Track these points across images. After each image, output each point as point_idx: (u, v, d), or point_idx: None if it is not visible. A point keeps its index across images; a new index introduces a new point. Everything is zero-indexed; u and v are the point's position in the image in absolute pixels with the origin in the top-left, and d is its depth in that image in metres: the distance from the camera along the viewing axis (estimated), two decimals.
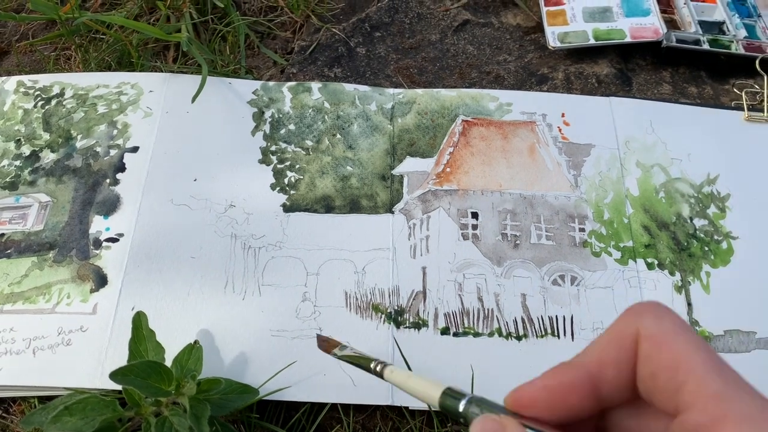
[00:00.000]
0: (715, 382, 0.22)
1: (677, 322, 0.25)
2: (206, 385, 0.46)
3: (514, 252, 0.58)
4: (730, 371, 0.23)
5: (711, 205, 0.62)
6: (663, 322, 0.24)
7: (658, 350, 0.24)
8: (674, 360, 0.23)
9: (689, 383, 0.23)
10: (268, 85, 0.68)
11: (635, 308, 0.26)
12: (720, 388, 0.22)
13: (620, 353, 0.25)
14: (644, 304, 0.26)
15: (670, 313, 0.25)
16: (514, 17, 0.79)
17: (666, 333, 0.24)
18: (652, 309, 0.25)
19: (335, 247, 0.58)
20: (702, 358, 0.23)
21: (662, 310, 0.25)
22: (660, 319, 0.25)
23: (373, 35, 0.76)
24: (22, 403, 0.52)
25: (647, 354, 0.24)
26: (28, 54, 0.76)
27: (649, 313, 0.25)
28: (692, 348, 0.23)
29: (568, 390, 0.25)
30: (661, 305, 0.25)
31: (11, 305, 0.54)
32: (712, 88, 0.72)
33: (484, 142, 0.64)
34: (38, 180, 0.61)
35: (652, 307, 0.25)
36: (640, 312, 0.25)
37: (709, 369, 0.23)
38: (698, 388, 0.22)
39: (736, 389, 0.22)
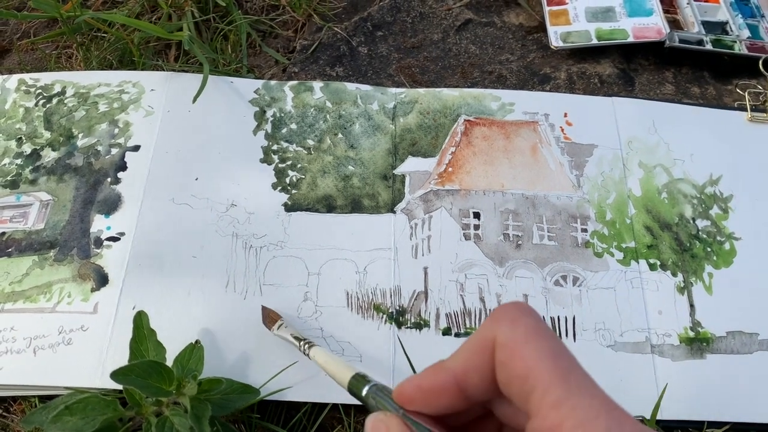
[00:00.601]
0: (557, 389, 0.23)
1: (531, 327, 0.25)
2: (207, 385, 0.46)
3: (516, 252, 0.58)
4: (575, 377, 0.24)
5: (714, 206, 0.61)
6: (517, 328, 0.25)
7: (510, 358, 0.25)
8: (524, 368, 0.24)
9: (535, 391, 0.24)
10: (269, 84, 0.68)
11: (495, 313, 0.26)
12: (560, 396, 0.23)
13: (481, 360, 0.26)
14: (504, 308, 0.26)
15: (526, 316, 0.26)
16: (516, 17, 0.79)
17: (517, 341, 0.25)
18: (509, 314, 0.26)
19: (337, 247, 0.58)
20: (549, 366, 0.24)
21: (519, 315, 0.26)
22: (514, 325, 0.25)
23: (375, 34, 0.76)
24: (22, 402, 0.52)
25: (501, 362, 0.25)
26: (30, 52, 0.76)
27: (505, 319, 0.26)
28: (541, 356, 0.24)
29: (438, 392, 0.27)
30: (521, 308, 0.26)
31: (12, 304, 0.54)
32: (715, 88, 0.72)
33: (486, 142, 0.64)
34: (39, 178, 0.61)
35: (510, 311, 0.26)
36: (498, 318, 0.26)
37: (553, 377, 0.23)
38: (541, 396, 0.23)
39: (577, 396, 0.23)
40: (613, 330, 0.55)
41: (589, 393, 0.23)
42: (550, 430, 0.23)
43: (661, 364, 0.53)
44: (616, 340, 0.54)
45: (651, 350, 0.54)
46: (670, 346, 0.54)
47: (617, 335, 0.54)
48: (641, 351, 0.54)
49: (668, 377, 0.52)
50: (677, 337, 0.54)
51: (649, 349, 0.54)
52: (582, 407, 0.22)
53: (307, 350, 0.46)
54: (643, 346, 0.54)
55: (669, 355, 0.54)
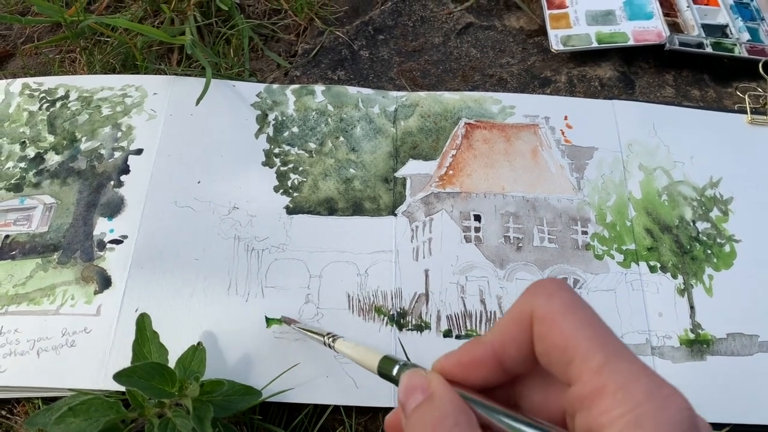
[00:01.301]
0: (597, 356, 0.24)
1: (567, 300, 0.26)
2: (209, 386, 0.46)
3: (516, 255, 0.58)
4: (613, 344, 0.24)
5: (714, 208, 0.62)
6: (554, 301, 0.26)
7: (549, 330, 0.26)
8: (563, 339, 0.25)
9: (575, 359, 0.24)
10: (271, 88, 0.68)
11: (531, 288, 0.27)
12: (600, 362, 0.24)
13: (519, 333, 0.27)
14: (539, 284, 0.27)
15: (562, 291, 0.26)
16: (517, 20, 0.79)
17: (555, 313, 0.26)
18: (545, 289, 0.26)
19: (338, 250, 0.58)
20: (587, 334, 0.25)
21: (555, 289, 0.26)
22: (551, 299, 0.26)
23: (376, 38, 0.76)
24: (26, 404, 0.52)
25: (540, 333, 0.26)
26: (33, 56, 0.77)
27: (542, 292, 0.26)
28: (579, 326, 0.25)
29: (478, 365, 0.28)
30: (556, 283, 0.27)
31: (16, 306, 0.55)
32: (715, 91, 0.72)
33: (486, 145, 0.64)
34: (43, 182, 0.62)
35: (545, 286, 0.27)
36: (534, 292, 0.27)
37: (592, 345, 0.24)
38: (582, 363, 0.24)
39: (616, 361, 0.24)
40: (614, 332, 0.55)
41: (627, 358, 0.24)
42: (592, 393, 0.23)
43: (662, 366, 0.53)
44: None
45: (651, 352, 0.54)
46: (671, 348, 0.54)
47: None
48: (642, 353, 0.54)
49: (668, 379, 0.52)
50: (677, 339, 0.55)
51: (649, 350, 0.54)
52: (622, 371, 0.23)
53: (331, 343, 0.45)
54: (643, 348, 0.54)
55: (669, 357, 0.54)
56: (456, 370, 0.28)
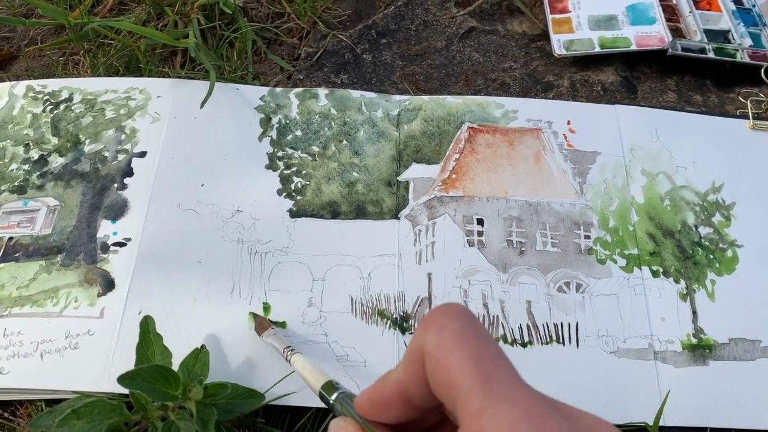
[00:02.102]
0: (477, 397, 0.23)
1: (457, 333, 0.25)
2: (213, 389, 0.47)
3: (519, 259, 0.59)
4: (497, 382, 0.23)
5: (716, 213, 0.62)
6: (443, 335, 0.25)
7: (435, 368, 0.25)
8: (447, 377, 0.24)
9: (458, 400, 0.23)
10: (275, 92, 0.68)
11: (424, 320, 0.26)
12: (480, 404, 0.22)
13: (417, 370, 0.26)
14: (432, 315, 0.26)
15: (454, 321, 0.25)
16: (519, 25, 0.80)
17: (442, 349, 0.24)
18: (436, 321, 0.25)
19: (341, 253, 0.58)
20: (470, 372, 0.23)
21: (446, 321, 0.25)
22: (440, 333, 0.25)
23: (379, 42, 0.77)
24: (29, 406, 0.52)
25: (429, 371, 0.25)
26: (37, 59, 0.77)
27: (431, 326, 0.25)
28: (464, 362, 0.24)
29: (386, 403, 0.27)
30: (450, 312, 0.26)
31: (19, 308, 0.55)
32: (717, 96, 0.72)
33: (489, 149, 0.65)
34: (46, 184, 0.62)
35: (436, 318, 0.26)
36: (425, 326, 0.26)
37: (474, 384, 0.23)
38: (464, 405, 0.23)
39: (498, 403, 0.22)
40: (616, 336, 0.55)
41: (510, 399, 0.22)
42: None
43: (664, 371, 0.53)
44: (619, 347, 0.54)
45: (654, 357, 0.54)
46: (673, 353, 0.54)
47: (620, 342, 0.55)
48: (644, 357, 0.54)
49: (671, 384, 0.53)
50: (680, 344, 0.55)
51: (651, 355, 0.54)
52: (502, 415, 0.22)
53: (289, 357, 0.47)
54: (645, 352, 0.54)
55: (672, 362, 0.54)
56: (369, 408, 0.28)
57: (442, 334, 0.25)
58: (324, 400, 0.37)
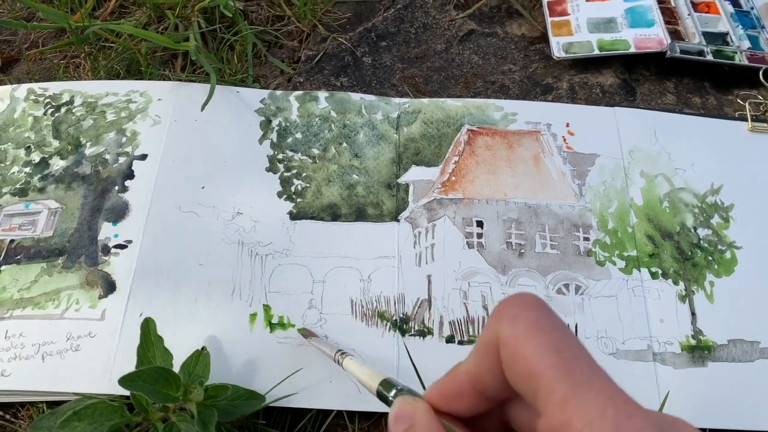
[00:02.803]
0: (562, 386, 0.22)
1: (532, 322, 0.24)
2: (213, 391, 0.47)
3: (518, 261, 0.59)
4: (581, 371, 0.23)
5: (715, 215, 0.62)
6: (517, 324, 0.24)
7: (513, 358, 0.24)
8: (526, 366, 0.23)
9: (540, 389, 0.23)
10: (275, 94, 0.69)
11: (497, 310, 0.26)
12: (565, 393, 0.22)
13: (489, 361, 0.25)
14: (505, 304, 0.25)
15: (528, 311, 0.25)
16: (519, 27, 0.80)
17: (518, 338, 0.24)
18: (509, 310, 0.25)
19: (341, 255, 0.59)
20: (551, 362, 0.23)
21: (519, 310, 0.25)
22: (515, 322, 0.24)
23: (379, 45, 0.77)
24: (30, 408, 0.53)
25: (506, 362, 0.25)
26: (38, 62, 0.77)
27: (505, 316, 0.25)
28: (543, 351, 0.23)
29: (458, 396, 0.27)
30: (522, 303, 0.25)
31: (20, 311, 0.55)
32: (716, 98, 0.72)
33: (489, 152, 0.65)
34: (48, 187, 0.62)
35: (510, 308, 0.25)
36: (498, 316, 0.25)
37: (557, 374, 0.23)
38: (547, 395, 0.23)
39: (582, 392, 0.22)
40: (615, 338, 0.55)
41: (595, 387, 0.22)
42: (558, 429, 0.22)
43: (663, 372, 0.54)
44: (618, 348, 0.55)
45: (653, 358, 0.54)
46: (672, 354, 0.54)
47: (619, 343, 0.55)
48: (643, 359, 0.54)
49: (670, 385, 0.53)
50: (679, 345, 0.55)
51: (651, 357, 0.54)
52: (588, 404, 0.22)
53: (340, 360, 0.46)
54: (645, 354, 0.54)
55: (671, 363, 0.54)
56: (440, 401, 0.28)
57: (517, 323, 0.24)
58: (383, 398, 0.36)
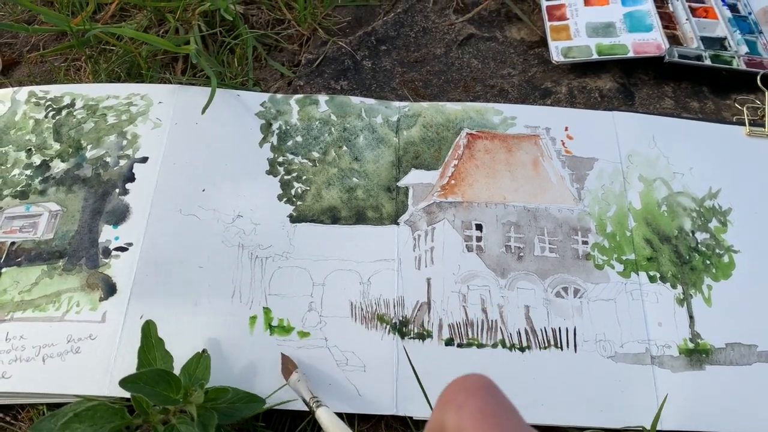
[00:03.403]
0: None
1: (477, 412, 0.24)
2: (214, 393, 0.47)
3: (517, 264, 0.59)
4: None
5: (713, 219, 0.62)
6: (462, 415, 0.24)
7: None
8: None
9: None
10: (275, 98, 0.69)
11: (443, 397, 0.25)
12: None
13: None
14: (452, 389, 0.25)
15: (474, 397, 0.24)
16: (518, 32, 0.80)
17: (463, 430, 0.23)
18: (457, 398, 0.24)
19: (341, 258, 0.59)
20: None
21: (465, 397, 0.24)
22: (460, 412, 0.24)
23: (378, 49, 0.77)
24: (30, 410, 0.53)
25: None
26: (39, 64, 0.77)
27: (452, 403, 0.24)
28: None
29: None
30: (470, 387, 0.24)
31: (21, 313, 0.55)
32: (714, 103, 0.73)
33: (488, 155, 0.65)
34: (48, 189, 0.62)
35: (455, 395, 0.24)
36: (446, 402, 0.25)
37: None
38: None
39: None
40: (614, 341, 0.55)
41: None
42: None
43: (661, 375, 0.54)
44: (616, 351, 0.55)
45: (651, 361, 0.54)
46: (670, 358, 0.55)
47: (617, 346, 0.55)
48: (641, 362, 0.54)
49: (668, 388, 0.53)
50: (677, 349, 0.55)
51: (649, 360, 0.54)
52: None
53: (315, 408, 0.48)
54: (643, 357, 0.55)
55: (669, 366, 0.54)
56: None
57: (462, 413, 0.24)
58: None
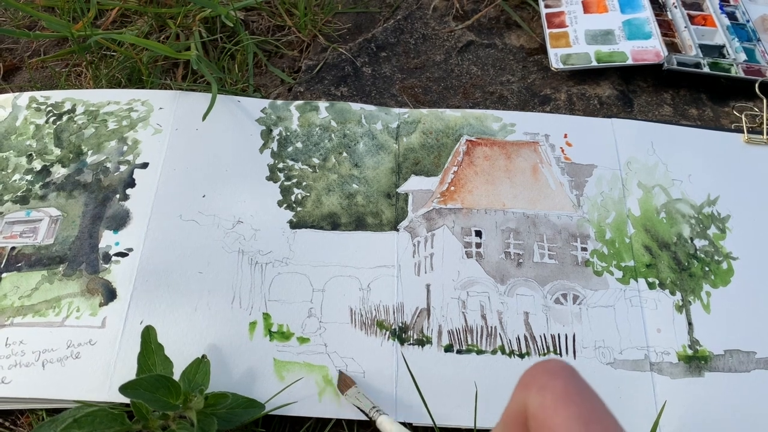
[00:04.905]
0: None
1: (560, 393, 0.24)
2: (213, 399, 0.47)
3: (517, 270, 0.59)
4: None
5: (711, 226, 0.62)
6: (545, 395, 0.24)
7: (541, 430, 0.24)
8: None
9: None
10: (276, 104, 0.69)
11: (524, 379, 0.25)
12: None
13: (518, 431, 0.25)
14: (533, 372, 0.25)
15: (555, 380, 0.24)
16: (517, 39, 0.81)
17: (546, 409, 0.24)
18: (536, 380, 0.24)
19: (341, 264, 0.59)
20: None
21: (547, 379, 0.24)
22: (543, 393, 0.24)
23: (378, 55, 0.78)
24: (30, 415, 0.53)
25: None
26: (40, 70, 0.78)
27: (533, 385, 0.24)
28: (570, 424, 0.23)
29: None
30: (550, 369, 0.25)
31: (21, 318, 0.55)
32: (713, 110, 0.73)
33: (487, 162, 0.65)
34: (49, 194, 0.62)
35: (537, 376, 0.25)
36: (526, 384, 0.25)
37: None
38: None
39: None
40: (613, 348, 0.55)
41: None
42: None
43: (660, 382, 0.54)
44: (615, 358, 0.55)
45: (650, 368, 0.55)
46: (669, 364, 0.55)
47: (616, 353, 0.55)
48: (640, 369, 0.54)
49: (667, 395, 0.53)
50: (676, 355, 0.55)
51: (648, 366, 0.55)
52: None
53: (375, 417, 0.48)
54: (642, 363, 0.55)
55: (668, 373, 0.54)
56: None
57: (545, 393, 0.24)
58: None
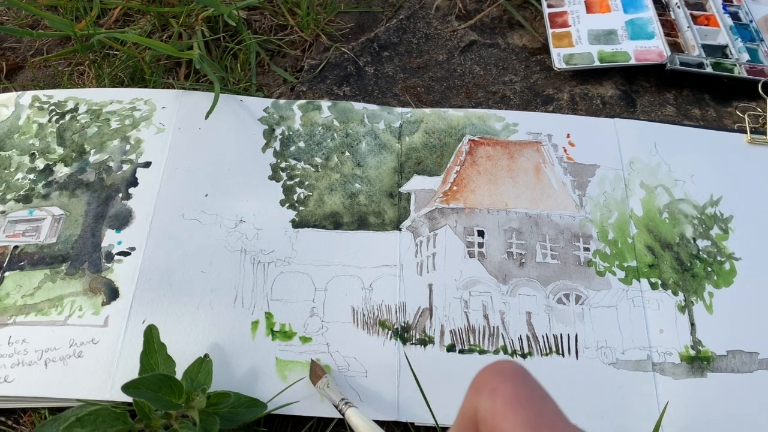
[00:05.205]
0: None
1: (510, 396, 0.23)
2: (215, 398, 0.47)
3: (519, 270, 0.59)
4: None
5: (714, 227, 0.62)
6: (495, 399, 0.24)
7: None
8: None
9: None
10: (278, 103, 0.69)
11: (476, 382, 0.25)
12: None
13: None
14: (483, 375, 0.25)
15: (506, 382, 0.24)
16: (520, 38, 0.81)
17: (496, 414, 0.23)
18: (489, 383, 0.24)
19: (343, 263, 0.59)
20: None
21: (498, 382, 0.24)
22: (493, 396, 0.24)
23: (381, 54, 0.77)
24: (32, 414, 0.53)
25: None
26: (43, 69, 0.78)
27: (485, 388, 0.24)
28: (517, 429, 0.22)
29: None
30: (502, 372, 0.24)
31: (24, 317, 0.55)
32: (715, 110, 0.73)
33: (490, 162, 0.65)
34: (52, 193, 0.62)
35: (490, 379, 0.24)
36: (478, 387, 0.24)
37: None
38: None
39: None
40: (615, 348, 0.55)
41: None
42: None
43: (663, 383, 0.54)
44: (617, 358, 0.55)
45: (652, 368, 0.54)
46: (671, 365, 0.55)
47: (619, 353, 0.55)
48: (642, 369, 0.54)
49: (669, 395, 0.53)
50: (678, 356, 0.55)
51: (650, 367, 0.55)
52: None
53: (344, 409, 0.48)
54: (644, 364, 0.55)
55: (670, 374, 0.54)
56: None
57: (494, 397, 0.24)
58: None
